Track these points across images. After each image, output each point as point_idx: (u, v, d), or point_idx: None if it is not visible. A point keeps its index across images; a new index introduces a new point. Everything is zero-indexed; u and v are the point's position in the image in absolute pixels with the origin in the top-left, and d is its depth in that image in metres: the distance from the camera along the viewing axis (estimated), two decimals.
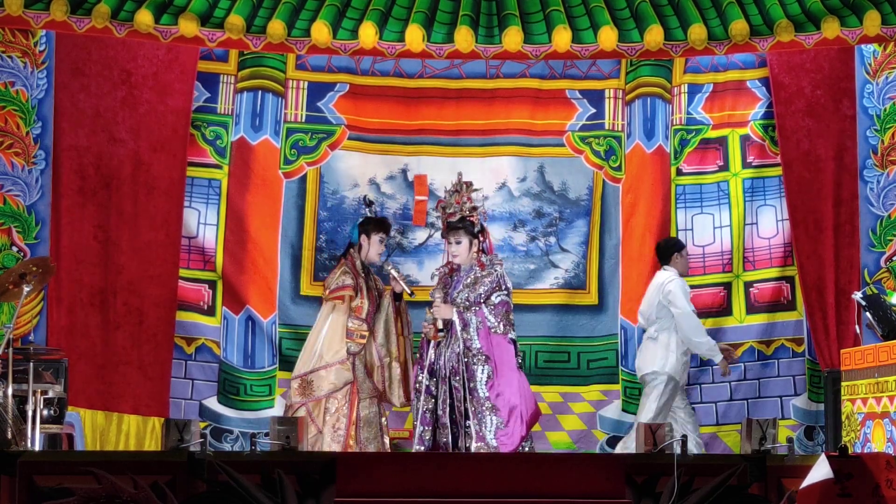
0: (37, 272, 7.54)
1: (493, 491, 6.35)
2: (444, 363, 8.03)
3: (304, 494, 6.26)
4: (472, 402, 7.90)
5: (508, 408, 7.89)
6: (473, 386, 7.92)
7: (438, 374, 8.03)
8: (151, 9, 8.72)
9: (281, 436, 6.43)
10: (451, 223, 8.22)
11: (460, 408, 7.94)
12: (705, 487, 6.36)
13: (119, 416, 8.98)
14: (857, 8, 8.84)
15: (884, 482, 6.08)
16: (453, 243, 8.20)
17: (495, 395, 7.90)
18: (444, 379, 8.00)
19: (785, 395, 9.56)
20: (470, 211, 8.26)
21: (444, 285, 8.23)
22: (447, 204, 8.33)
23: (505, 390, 7.91)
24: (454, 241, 8.19)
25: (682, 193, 9.83)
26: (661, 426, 6.60)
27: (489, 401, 7.88)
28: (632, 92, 9.80)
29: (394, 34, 8.93)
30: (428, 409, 8.02)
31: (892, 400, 7.62)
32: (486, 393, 7.89)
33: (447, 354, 8.03)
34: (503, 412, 7.88)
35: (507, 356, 8.01)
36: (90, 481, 6.19)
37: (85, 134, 9.07)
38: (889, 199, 9.21)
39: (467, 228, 8.20)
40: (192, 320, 9.45)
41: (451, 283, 8.25)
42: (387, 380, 8.26)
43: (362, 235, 8.46)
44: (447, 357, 8.03)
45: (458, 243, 8.18)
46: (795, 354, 9.59)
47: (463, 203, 8.28)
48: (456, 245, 8.19)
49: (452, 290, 8.19)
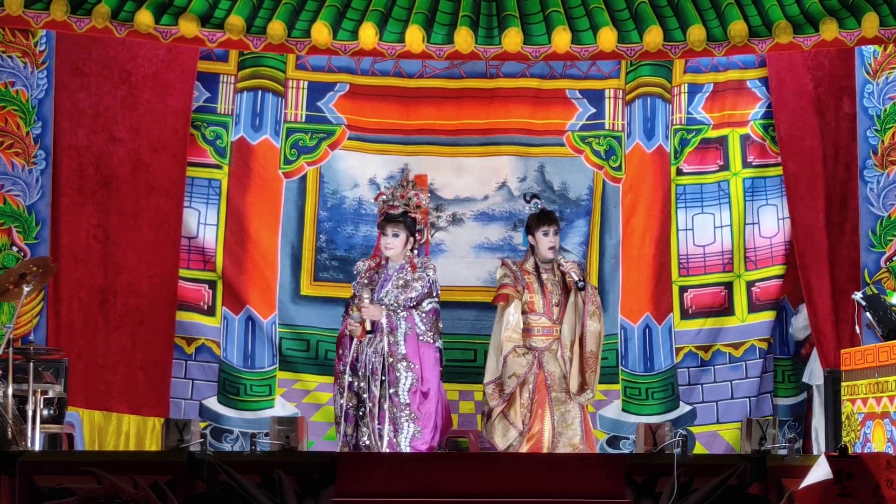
0: (37, 272, 7.54)
1: (493, 491, 6.36)
2: (366, 362, 7.90)
3: (304, 494, 6.26)
4: (391, 407, 7.79)
5: (428, 417, 7.81)
6: (395, 391, 7.82)
7: (358, 372, 7.90)
8: (152, 9, 8.72)
9: (281, 436, 6.43)
10: (391, 214, 8.08)
11: (373, 409, 7.81)
12: (705, 487, 6.36)
13: (119, 416, 8.98)
14: (856, 10, 8.84)
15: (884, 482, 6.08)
16: (389, 235, 8.04)
17: (417, 403, 7.81)
18: (364, 377, 7.88)
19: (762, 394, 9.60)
20: (414, 208, 8.15)
21: (370, 282, 8.06)
22: (389, 197, 8.19)
23: (427, 399, 7.83)
24: (391, 233, 8.04)
25: (682, 193, 9.82)
26: (660, 426, 6.61)
27: (410, 408, 7.78)
28: (632, 92, 9.80)
29: (394, 35, 8.93)
30: (352, 405, 7.89)
31: (892, 400, 7.62)
32: (407, 400, 7.79)
33: (368, 353, 7.90)
34: (422, 421, 7.80)
35: (433, 365, 7.92)
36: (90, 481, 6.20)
37: (85, 134, 9.07)
38: (889, 199, 9.21)
39: (407, 223, 8.08)
40: (192, 320, 9.45)
41: (378, 280, 8.09)
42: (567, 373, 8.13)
43: (529, 237, 8.35)
44: (368, 355, 7.90)
45: (396, 236, 8.03)
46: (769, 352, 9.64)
47: (408, 199, 8.16)
48: (393, 238, 8.03)
49: (379, 290, 8.05)
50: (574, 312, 8.18)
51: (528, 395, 8.10)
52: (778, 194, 9.65)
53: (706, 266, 9.79)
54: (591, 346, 8.14)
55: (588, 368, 8.11)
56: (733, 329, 9.70)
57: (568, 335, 8.18)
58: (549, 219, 8.33)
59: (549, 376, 8.12)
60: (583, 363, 8.11)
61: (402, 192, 8.17)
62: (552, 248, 8.28)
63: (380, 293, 8.03)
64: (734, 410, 9.57)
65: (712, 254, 9.81)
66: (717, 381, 9.66)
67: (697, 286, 9.69)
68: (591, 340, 8.14)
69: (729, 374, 9.64)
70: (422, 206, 8.17)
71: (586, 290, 8.17)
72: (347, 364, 7.90)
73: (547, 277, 8.28)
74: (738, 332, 9.70)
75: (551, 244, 8.27)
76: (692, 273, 9.69)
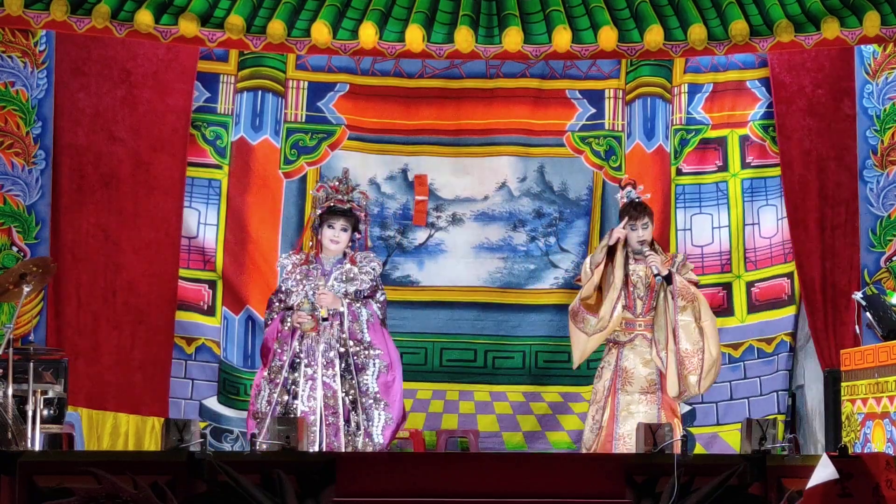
0: (37, 272, 7.54)
1: (493, 491, 6.35)
2: (317, 357, 7.69)
3: (304, 494, 6.26)
4: (359, 396, 7.63)
5: (395, 404, 7.69)
6: (364, 380, 7.66)
7: (300, 369, 7.65)
8: (151, 9, 8.73)
9: (281, 436, 6.43)
10: (338, 208, 7.84)
11: (331, 403, 7.63)
12: (705, 487, 6.35)
13: (118, 415, 8.98)
14: (857, 8, 8.85)
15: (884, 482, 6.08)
16: (338, 228, 7.79)
17: (386, 389, 7.68)
18: (309, 375, 7.66)
19: (781, 390, 9.56)
20: (358, 206, 7.90)
21: (305, 277, 7.79)
22: (331, 192, 7.89)
23: (393, 384, 7.71)
24: (340, 226, 7.80)
25: (681, 193, 9.83)
26: (660, 426, 6.60)
27: (378, 395, 7.64)
28: (632, 92, 9.81)
29: (394, 34, 8.94)
30: (280, 402, 7.63)
31: (892, 400, 7.62)
32: (376, 388, 7.65)
33: (320, 349, 7.66)
34: (392, 408, 7.68)
35: (395, 353, 7.79)
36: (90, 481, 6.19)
37: (84, 133, 9.07)
38: (889, 199, 9.21)
39: (353, 219, 7.86)
40: (192, 320, 9.46)
41: (315, 274, 7.80)
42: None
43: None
44: (318, 350, 7.67)
45: (344, 230, 7.78)
46: (793, 349, 9.59)
47: (352, 195, 7.92)
48: (341, 231, 7.78)
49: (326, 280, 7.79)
50: (664, 309, 7.91)
51: (601, 388, 8.01)
52: (777, 194, 9.65)
53: (704, 267, 9.79)
54: (685, 343, 7.81)
55: (685, 368, 7.79)
56: (732, 329, 9.70)
57: (659, 333, 7.92)
58: (637, 210, 8.02)
59: (622, 373, 7.94)
60: (679, 362, 7.81)
61: (346, 188, 7.98)
62: (641, 242, 7.97)
63: (320, 290, 7.75)
64: (734, 411, 9.58)
65: (710, 254, 9.81)
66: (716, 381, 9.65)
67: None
68: (685, 336, 7.82)
69: (728, 375, 9.64)
70: (362, 207, 8.01)
71: (674, 283, 7.86)
72: (285, 361, 7.68)
73: (633, 269, 8.03)
74: (738, 333, 9.71)
75: (639, 238, 7.96)
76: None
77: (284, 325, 7.71)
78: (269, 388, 7.67)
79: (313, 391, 7.62)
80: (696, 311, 7.88)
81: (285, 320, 7.70)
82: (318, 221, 7.84)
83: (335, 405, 7.63)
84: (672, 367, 7.84)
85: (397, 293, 9.69)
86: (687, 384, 7.82)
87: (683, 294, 7.88)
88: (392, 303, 9.69)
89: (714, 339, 7.90)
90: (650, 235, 8.04)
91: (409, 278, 9.79)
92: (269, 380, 7.68)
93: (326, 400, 7.61)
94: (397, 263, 9.80)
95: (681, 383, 7.83)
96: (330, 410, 7.62)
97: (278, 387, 7.61)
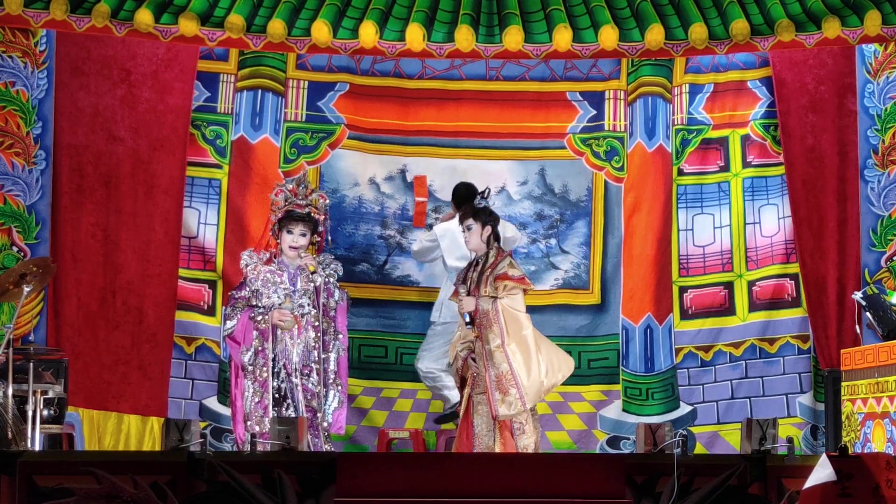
0: (37, 272, 7.54)
1: (493, 491, 6.35)
2: (297, 358, 7.77)
3: (304, 494, 6.26)
4: (321, 382, 7.76)
5: (345, 385, 7.86)
6: (326, 357, 7.80)
7: (280, 375, 7.76)
8: (151, 8, 8.72)
9: (281, 436, 6.43)
10: (297, 213, 7.89)
11: (313, 405, 7.72)
12: (705, 487, 6.35)
13: (119, 416, 8.98)
14: (858, 8, 8.85)
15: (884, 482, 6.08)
16: (297, 233, 7.87)
17: (342, 369, 7.82)
18: (288, 376, 7.76)
19: (791, 393, 9.54)
20: (317, 209, 7.96)
21: (272, 277, 7.84)
22: (290, 196, 7.93)
23: (343, 362, 7.85)
24: (299, 231, 7.87)
25: (683, 193, 9.83)
26: (660, 426, 6.61)
27: (336, 374, 7.76)
28: (633, 92, 9.81)
29: (394, 33, 8.94)
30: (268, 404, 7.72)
31: (892, 400, 7.62)
32: (335, 367, 7.78)
33: (298, 349, 7.76)
34: (343, 391, 7.83)
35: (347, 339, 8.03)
36: (90, 481, 6.18)
37: (84, 132, 9.07)
38: (889, 198, 9.21)
39: (312, 224, 7.92)
40: (192, 320, 9.45)
41: (283, 274, 7.87)
42: None
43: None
44: (298, 352, 7.77)
45: (303, 235, 7.87)
46: (801, 352, 9.55)
47: (310, 198, 7.97)
48: (300, 236, 7.87)
49: (288, 289, 7.86)
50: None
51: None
52: (779, 194, 9.65)
53: (705, 266, 9.79)
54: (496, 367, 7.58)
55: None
56: (734, 329, 9.70)
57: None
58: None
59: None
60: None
61: (304, 192, 7.99)
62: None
63: (293, 294, 7.86)
64: (735, 410, 9.57)
65: (711, 254, 9.81)
66: (717, 380, 9.66)
67: (697, 286, 9.69)
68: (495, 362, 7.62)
69: (729, 374, 9.64)
70: (320, 210, 8.01)
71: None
72: (269, 363, 7.75)
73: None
74: (739, 332, 9.70)
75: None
76: (692, 273, 9.69)
77: (260, 324, 7.81)
78: (255, 386, 7.77)
79: (294, 398, 7.73)
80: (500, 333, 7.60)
81: (257, 319, 7.80)
82: (277, 226, 7.94)
83: (317, 406, 7.74)
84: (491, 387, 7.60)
85: (397, 293, 9.70)
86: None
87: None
88: (392, 303, 9.75)
89: (524, 363, 7.61)
90: (476, 240, 7.87)
91: (410, 278, 9.78)
92: (252, 378, 7.77)
93: (308, 402, 7.71)
94: (397, 263, 9.79)
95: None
96: (311, 412, 7.74)
97: (269, 391, 7.72)
